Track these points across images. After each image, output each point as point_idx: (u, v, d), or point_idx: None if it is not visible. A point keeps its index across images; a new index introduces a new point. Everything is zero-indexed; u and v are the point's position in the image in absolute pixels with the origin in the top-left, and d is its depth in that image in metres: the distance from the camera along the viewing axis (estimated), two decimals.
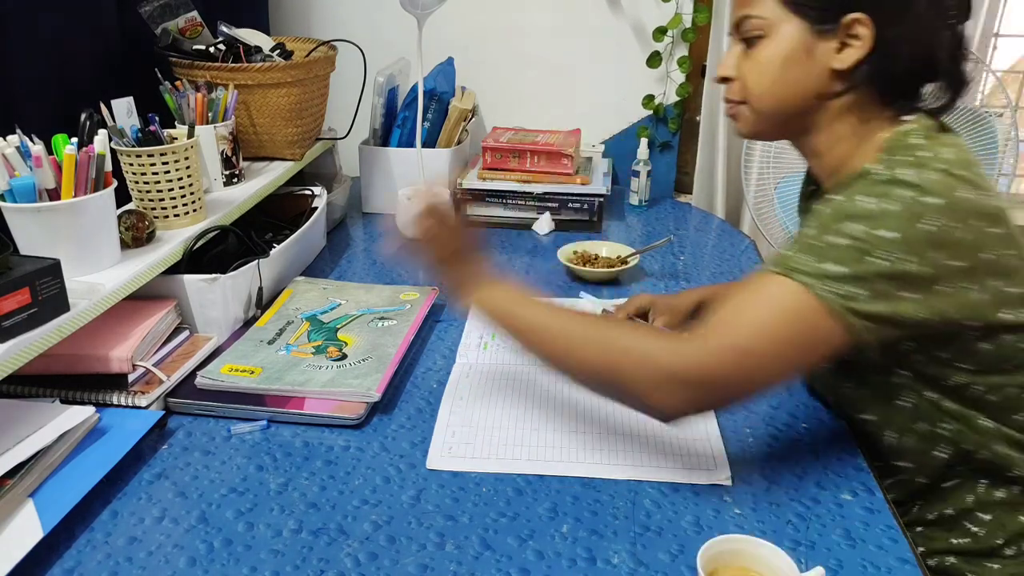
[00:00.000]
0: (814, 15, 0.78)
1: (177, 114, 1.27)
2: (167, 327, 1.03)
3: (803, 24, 0.79)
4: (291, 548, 0.73)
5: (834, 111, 0.82)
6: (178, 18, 1.36)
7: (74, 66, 1.19)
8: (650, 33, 1.78)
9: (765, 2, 0.80)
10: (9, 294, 0.80)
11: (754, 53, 0.83)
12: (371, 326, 1.13)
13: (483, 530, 0.76)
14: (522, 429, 0.91)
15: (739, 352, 0.73)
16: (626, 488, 0.82)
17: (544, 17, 1.83)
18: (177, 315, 1.06)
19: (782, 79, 0.81)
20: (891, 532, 0.76)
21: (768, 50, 0.81)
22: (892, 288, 0.71)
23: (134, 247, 1.06)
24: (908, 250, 0.70)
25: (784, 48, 0.80)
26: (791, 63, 0.80)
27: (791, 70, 0.81)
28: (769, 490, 0.82)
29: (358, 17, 1.86)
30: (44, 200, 0.92)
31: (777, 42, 0.80)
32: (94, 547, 0.73)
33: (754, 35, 0.82)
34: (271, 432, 0.92)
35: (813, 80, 0.80)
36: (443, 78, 1.72)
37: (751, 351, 0.73)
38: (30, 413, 0.84)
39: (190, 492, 0.81)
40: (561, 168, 1.63)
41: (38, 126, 0.96)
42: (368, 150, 1.68)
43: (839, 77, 0.79)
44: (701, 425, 0.92)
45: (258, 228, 1.32)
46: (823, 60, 0.79)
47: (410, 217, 0.92)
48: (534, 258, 1.48)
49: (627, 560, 0.72)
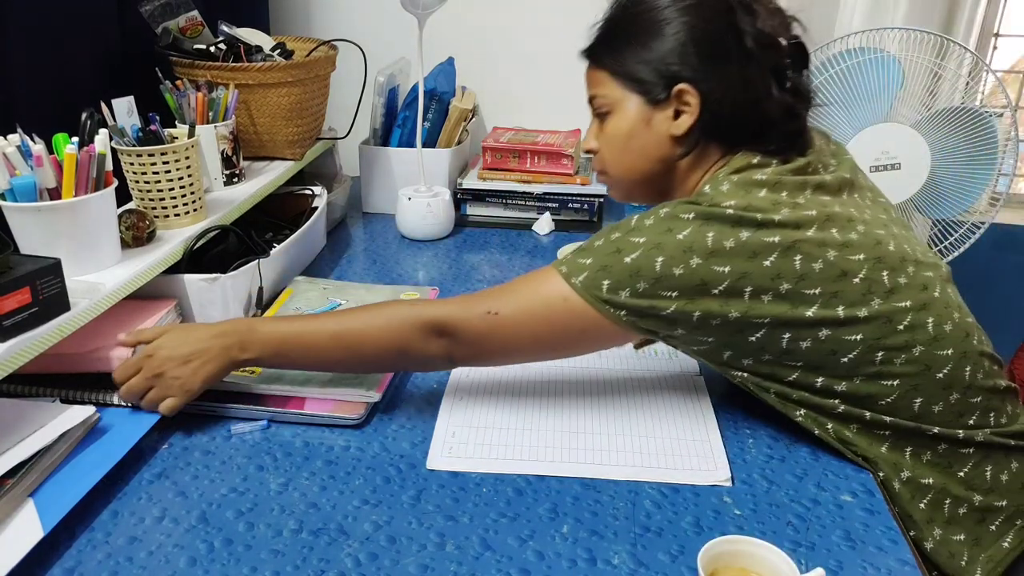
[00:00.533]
0: (648, 90, 0.87)
1: (177, 113, 1.27)
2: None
3: (640, 99, 0.88)
4: (291, 548, 0.73)
5: (683, 170, 0.90)
6: (178, 17, 1.36)
7: (74, 66, 1.19)
8: None
9: (606, 82, 0.91)
10: (9, 293, 0.80)
11: (605, 127, 0.92)
12: None
13: (483, 530, 0.76)
14: (522, 429, 0.91)
15: (487, 312, 0.85)
16: (626, 489, 0.82)
17: (544, 17, 1.83)
18: (177, 314, 1.07)
19: (628, 149, 0.91)
20: (891, 533, 0.76)
21: (614, 124, 0.91)
22: (638, 284, 0.80)
23: (134, 247, 1.06)
24: (658, 253, 0.79)
25: (627, 121, 0.90)
26: (634, 134, 0.90)
27: (634, 140, 0.90)
28: (769, 490, 0.82)
29: (358, 17, 1.86)
30: (45, 199, 0.92)
31: (621, 116, 0.90)
32: (94, 547, 0.73)
33: (603, 112, 0.92)
34: (271, 432, 0.92)
35: (655, 147, 0.89)
36: (443, 78, 1.72)
37: (500, 312, 0.85)
38: (30, 413, 0.84)
39: (190, 492, 0.81)
40: (561, 168, 1.63)
41: (39, 125, 0.96)
42: (368, 150, 1.68)
43: (678, 141, 0.88)
44: (701, 425, 0.92)
45: (258, 228, 1.32)
46: (662, 128, 0.88)
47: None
48: (534, 258, 1.48)
49: (627, 561, 0.72)
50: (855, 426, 0.85)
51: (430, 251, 1.52)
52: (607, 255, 0.82)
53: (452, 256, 1.49)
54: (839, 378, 0.82)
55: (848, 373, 0.82)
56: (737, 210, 0.79)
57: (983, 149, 1.54)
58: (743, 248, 0.78)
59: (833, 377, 0.82)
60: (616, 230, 0.84)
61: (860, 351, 0.80)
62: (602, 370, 1.04)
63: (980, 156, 1.54)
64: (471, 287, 1.33)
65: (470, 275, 1.39)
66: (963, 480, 0.84)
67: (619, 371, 1.04)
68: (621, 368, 1.05)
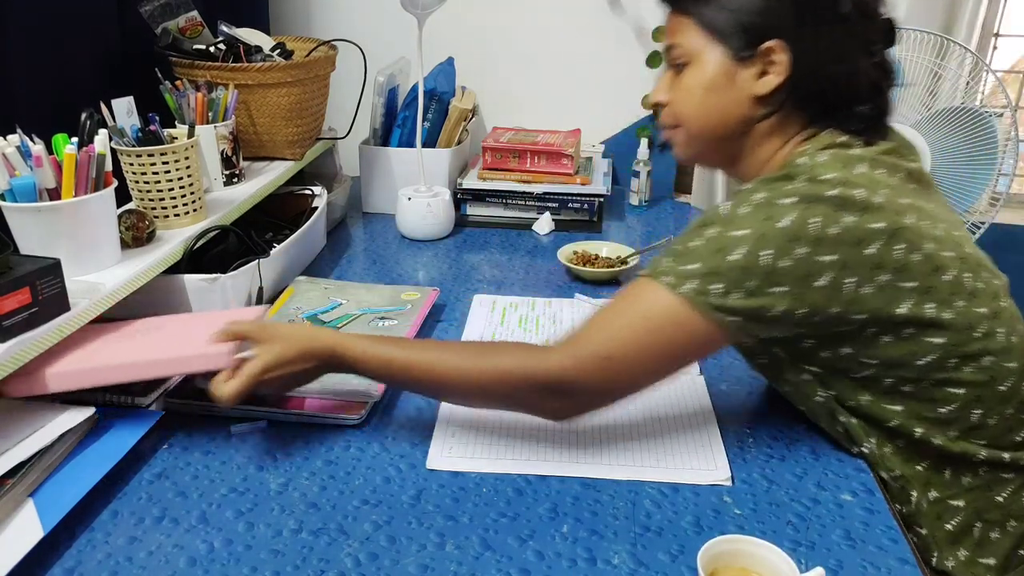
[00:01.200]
0: (734, 43, 0.81)
1: (177, 114, 1.27)
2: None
3: (725, 52, 0.82)
4: (291, 548, 0.73)
5: (759, 135, 0.85)
6: (178, 18, 1.36)
7: (74, 66, 1.19)
8: (650, 33, 1.78)
9: (689, 31, 0.84)
10: (9, 294, 0.80)
11: (681, 79, 0.86)
12: (372, 326, 1.13)
13: (483, 530, 0.76)
14: (522, 429, 0.91)
15: (600, 359, 0.78)
16: (626, 488, 0.82)
17: (544, 17, 1.83)
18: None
19: (706, 104, 0.84)
20: (891, 532, 0.76)
21: (693, 77, 0.84)
22: (749, 281, 0.74)
23: (134, 247, 1.06)
24: (763, 245, 0.73)
25: (707, 75, 0.83)
26: (714, 89, 0.83)
27: (714, 96, 0.84)
28: (769, 490, 0.82)
29: (358, 17, 1.86)
30: (44, 200, 0.92)
31: (701, 69, 0.84)
32: (94, 547, 0.73)
33: (681, 62, 0.85)
34: (271, 432, 0.92)
35: (736, 105, 0.83)
36: (443, 78, 1.72)
37: (612, 356, 0.78)
38: (30, 413, 0.84)
39: (190, 492, 0.81)
40: (561, 168, 1.63)
41: (38, 126, 0.96)
42: (368, 150, 1.68)
43: (761, 102, 0.82)
44: (701, 425, 0.92)
45: (258, 228, 1.32)
46: (745, 86, 0.82)
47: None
48: (534, 258, 1.48)
49: (627, 560, 0.72)
50: (901, 442, 0.82)
51: (430, 251, 1.52)
52: (710, 255, 0.75)
53: (452, 256, 1.49)
54: (909, 381, 0.79)
55: (919, 375, 0.78)
56: (838, 187, 0.74)
57: (983, 149, 1.54)
58: (848, 235, 0.73)
59: (904, 380, 0.79)
60: (709, 225, 0.77)
61: (938, 355, 0.77)
62: None
63: (980, 156, 1.54)
64: (471, 287, 1.33)
65: (470, 275, 1.39)
66: (1001, 505, 0.82)
67: None
68: None
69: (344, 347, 0.84)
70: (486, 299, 1.28)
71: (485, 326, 1.18)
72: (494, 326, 1.18)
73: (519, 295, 1.30)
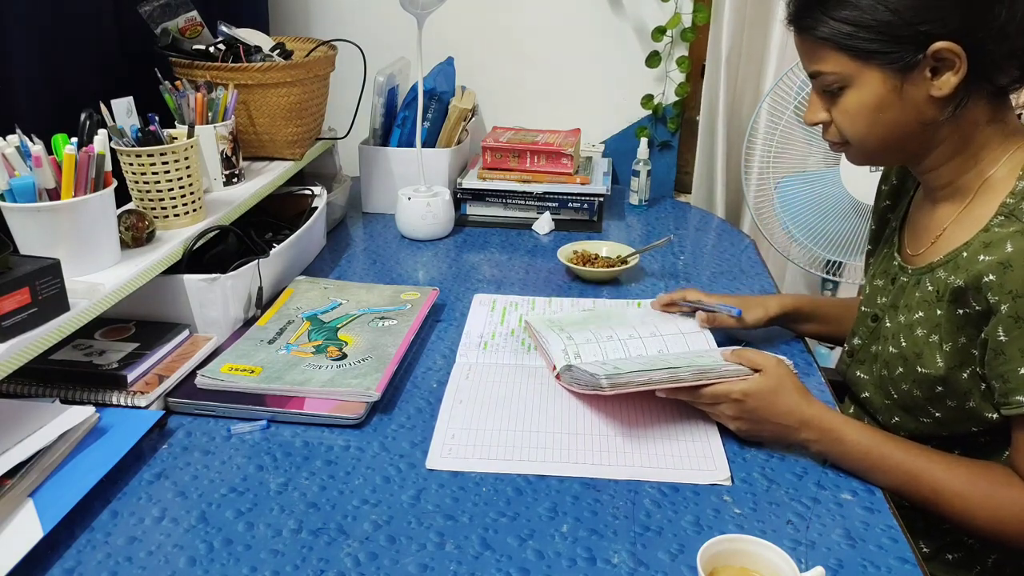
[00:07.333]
0: (893, 58, 0.75)
1: (177, 114, 1.27)
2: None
3: (883, 69, 0.76)
4: (291, 548, 0.73)
5: (947, 130, 0.80)
6: (178, 18, 1.36)
7: (74, 66, 1.19)
8: (649, 33, 1.78)
9: (835, 57, 0.78)
10: (9, 294, 0.80)
11: (841, 103, 0.80)
12: (371, 326, 1.13)
13: (483, 530, 0.76)
14: (522, 429, 0.91)
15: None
16: (626, 488, 0.82)
17: (544, 17, 1.83)
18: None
19: (878, 123, 0.79)
20: (891, 532, 0.76)
21: (856, 100, 0.79)
22: None
23: (134, 247, 1.06)
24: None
25: (872, 96, 0.78)
26: (883, 108, 0.78)
27: (885, 114, 0.78)
28: (769, 490, 0.82)
29: (358, 17, 1.86)
30: (44, 200, 0.92)
31: (862, 92, 0.78)
32: (94, 547, 0.73)
33: (835, 88, 0.80)
34: (271, 432, 0.92)
35: (913, 114, 0.78)
36: (443, 78, 1.72)
37: None
38: (30, 413, 0.84)
39: (190, 492, 0.81)
40: (561, 168, 1.63)
41: (38, 126, 0.96)
42: (368, 150, 1.68)
43: (943, 102, 0.77)
44: (701, 424, 0.92)
45: (258, 228, 1.32)
46: (918, 93, 0.77)
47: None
48: (534, 258, 1.48)
49: (627, 560, 0.72)
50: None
51: (430, 251, 1.52)
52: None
53: (452, 256, 1.49)
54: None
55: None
56: None
57: None
58: None
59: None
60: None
61: None
62: None
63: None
64: (471, 287, 1.33)
65: (470, 275, 1.39)
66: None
67: None
68: None
69: (833, 440, 0.82)
70: (486, 299, 1.28)
71: (485, 326, 1.18)
72: (494, 325, 1.18)
73: (519, 295, 1.30)
